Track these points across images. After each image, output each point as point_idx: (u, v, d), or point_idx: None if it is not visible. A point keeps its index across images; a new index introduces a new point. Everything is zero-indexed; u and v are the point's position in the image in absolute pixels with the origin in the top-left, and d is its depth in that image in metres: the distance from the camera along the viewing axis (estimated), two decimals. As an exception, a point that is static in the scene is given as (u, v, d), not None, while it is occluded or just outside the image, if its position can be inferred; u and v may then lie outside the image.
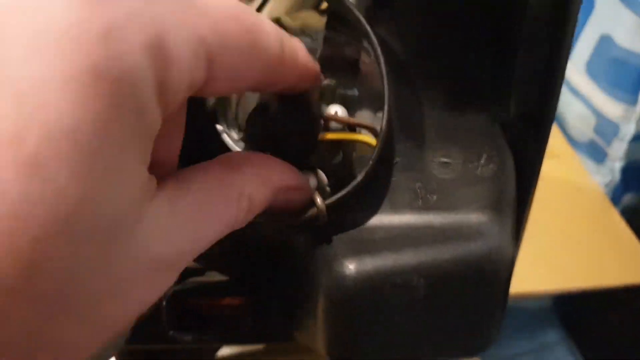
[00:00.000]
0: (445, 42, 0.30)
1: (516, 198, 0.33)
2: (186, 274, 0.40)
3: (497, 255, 0.31)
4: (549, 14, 0.27)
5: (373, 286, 0.29)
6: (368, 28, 0.30)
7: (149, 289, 0.19)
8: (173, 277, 0.20)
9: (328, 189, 0.36)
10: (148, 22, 0.17)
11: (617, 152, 0.90)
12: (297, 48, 0.25)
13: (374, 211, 0.32)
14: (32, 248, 0.14)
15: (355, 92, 0.39)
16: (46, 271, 0.15)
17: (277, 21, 0.43)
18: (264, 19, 0.22)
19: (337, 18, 0.41)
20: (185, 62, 0.18)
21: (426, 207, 0.32)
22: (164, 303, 0.37)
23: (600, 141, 0.94)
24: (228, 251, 0.40)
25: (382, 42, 0.31)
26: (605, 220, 0.89)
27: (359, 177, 0.30)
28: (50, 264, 0.15)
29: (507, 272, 0.31)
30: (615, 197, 0.95)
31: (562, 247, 0.84)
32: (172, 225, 0.19)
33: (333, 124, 0.33)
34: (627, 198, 0.96)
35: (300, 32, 0.41)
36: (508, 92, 0.31)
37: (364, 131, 0.33)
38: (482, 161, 0.32)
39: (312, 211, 0.30)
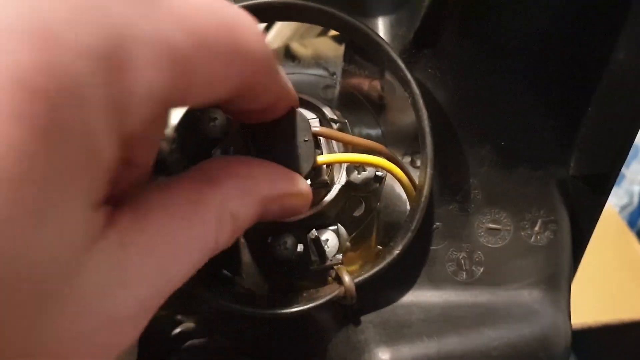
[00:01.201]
0: (501, 91, 0.26)
1: (572, 267, 0.29)
2: (185, 337, 0.36)
3: (552, 339, 0.27)
4: (635, 75, 0.23)
5: (411, 382, 0.25)
6: (409, 76, 0.25)
7: (99, 349, 0.15)
8: (134, 330, 0.16)
9: (349, 244, 0.31)
10: (98, 21, 0.13)
11: (637, 174, 0.86)
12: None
13: (410, 285, 0.27)
14: None
15: (379, 131, 0.35)
16: None
17: (287, 48, 0.38)
18: (246, 15, 0.18)
19: (356, 49, 0.37)
20: (146, 71, 0.14)
21: (471, 282, 0.27)
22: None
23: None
24: (237, 319, 0.35)
25: (422, 89, 0.26)
26: (622, 245, 0.85)
27: (395, 251, 0.26)
28: None
29: (564, 355, 0.27)
30: (632, 220, 0.91)
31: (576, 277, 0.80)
32: (127, 269, 0.15)
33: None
34: (644, 221, 0.93)
35: (313, 63, 0.37)
36: (571, 148, 0.27)
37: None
38: (537, 227, 0.28)
39: (340, 290, 0.26)
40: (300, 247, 0.32)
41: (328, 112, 0.32)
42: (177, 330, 0.35)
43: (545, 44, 0.24)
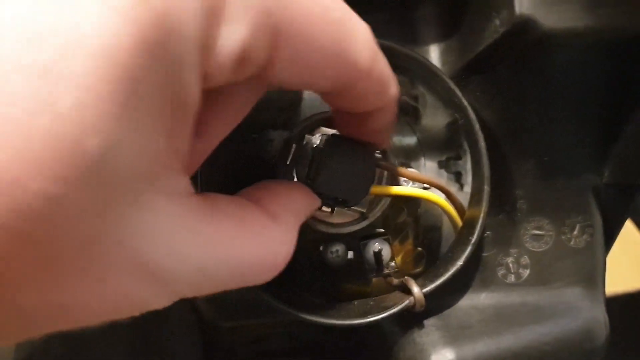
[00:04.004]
0: (547, 114, 0.28)
1: (605, 265, 0.32)
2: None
3: (593, 330, 0.30)
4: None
5: (476, 377, 0.28)
6: (466, 103, 0.27)
7: (128, 295, 0.14)
8: (167, 299, 0.15)
9: (394, 251, 0.34)
10: None
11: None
12: (388, 73, 0.20)
13: (465, 290, 0.30)
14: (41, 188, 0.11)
15: (414, 139, 0.37)
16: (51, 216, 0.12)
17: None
18: (360, 21, 0.18)
19: (390, 61, 0.39)
20: (241, 26, 0.14)
21: (519, 283, 0.30)
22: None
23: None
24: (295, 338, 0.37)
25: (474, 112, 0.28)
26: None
27: (459, 263, 0.28)
28: (57, 209, 0.12)
29: (604, 345, 0.30)
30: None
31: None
32: (199, 236, 0.15)
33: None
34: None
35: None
36: (604, 160, 0.30)
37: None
38: (576, 232, 0.31)
39: (410, 300, 0.28)
40: (350, 254, 0.35)
41: None
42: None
43: (589, 80, 0.27)
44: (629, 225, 0.90)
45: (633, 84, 0.26)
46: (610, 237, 0.33)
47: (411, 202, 0.37)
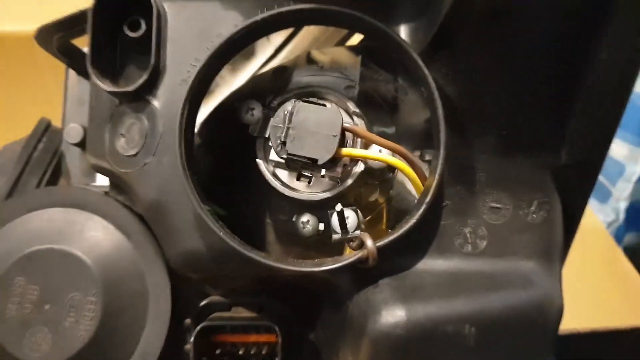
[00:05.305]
0: (505, 87, 0.30)
1: (563, 244, 0.33)
2: (211, 309, 0.39)
3: (547, 304, 0.31)
4: (619, 70, 0.27)
5: (424, 334, 0.28)
6: (426, 72, 0.29)
7: None
8: None
9: (363, 226, 0.35)
10: None
11: (622, 192, 0.91)
12: None
13: (421, 255, 0.31)
14: None
15: (392, 129, 0.39)
16: None
17: (308, 55, 0.43)
18: None
19: (372, 55, 0.41)
20: None
21: (475, 253, 0.31)
22: (192, 339, 0.36)
23: (605, 181, 0.95)
24: (259, 286, 0.38)
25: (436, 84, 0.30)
26: (610, 260, 0.90)
27: (412, 220, 0.29)
28: None
29: (557, 321, 0.31)
30: (617, 236, 0.95)
31: (567, 286, 0.83)
32: None
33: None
34: (629, 237, 0.97)
35: (329, 67, 0.41)
36: (562, 139, 0.31)
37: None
38: (533, 208, 0.32)
39: (363, 253, 0.29)
40: (321, 226, 0.36)
41: (351, 106, 0.36)
42: (204, 302, 0.38)
43: (542, 47, 0.28)
44: (625, 261, 0.90)
45: (579, 55, 0.28)
46: (572, 219, 0.34)
47: (384, 182, 0.39)
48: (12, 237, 0.36)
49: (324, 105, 0.34)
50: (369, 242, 0.29)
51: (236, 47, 0.33)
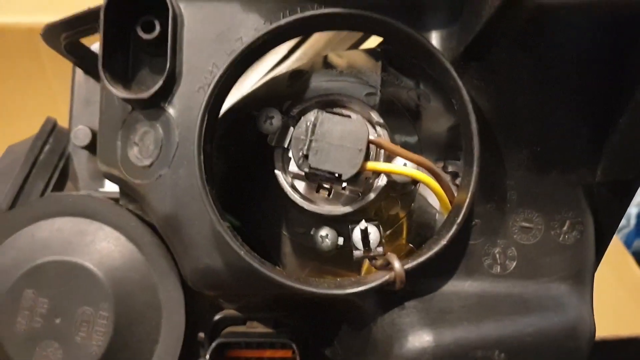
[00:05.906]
0: (541, 100, 0.29)
1: (595, 265, 0.31)
2: (225, 323, 0.38)
3: (578, 329, 0.29)
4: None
5: (453, 361, 0.27)
6: (460, 84, 0.28)
7: None
8: None
9: (384, 241, 0.33)
10: None
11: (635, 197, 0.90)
12: None
13: (449, 276, 0.30)
14: None
15: (415, 138, 0.38)
16: None
17: (325, 58, 0.41)
18: None
19: (392, 60, 0.40)
20: None
21: (504, 275, 0.30)
22: (207, 357, 0.34)
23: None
24: (276, 303, 0.37)
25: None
26: (620, 266, 0.88)
27: (442, 242, 0.28)
28: None
29: (588, 346, 0.30)
30: (627, 242, 0.94)
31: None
32: None
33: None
34: (639, 243, 0.96)
35: (348, 72, 0.39)
36: (599, 156, 0.30)
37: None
38: (565, 228, 0.30)
39: (390, 276, 0.28)
40: (340, 240, 0.35)
41: (375, 116, 0.34)
42: (218, 316, 0.37)
43: (588, 58, 0.27)
44: (635, 267, 0.88)
45: (628, 69, 0.26)
46: (603, 238, 0.33)
47: (405, 195, 0.38)
48: (21, 247, 0.34)
49: (349, 117, 0.32)
50: (396, 265, 0.27)
51: (258, 53, 0.32)
